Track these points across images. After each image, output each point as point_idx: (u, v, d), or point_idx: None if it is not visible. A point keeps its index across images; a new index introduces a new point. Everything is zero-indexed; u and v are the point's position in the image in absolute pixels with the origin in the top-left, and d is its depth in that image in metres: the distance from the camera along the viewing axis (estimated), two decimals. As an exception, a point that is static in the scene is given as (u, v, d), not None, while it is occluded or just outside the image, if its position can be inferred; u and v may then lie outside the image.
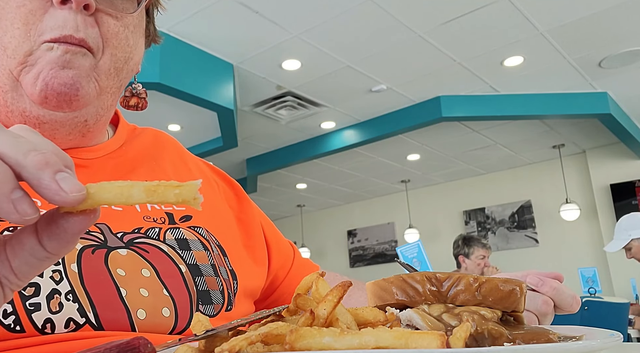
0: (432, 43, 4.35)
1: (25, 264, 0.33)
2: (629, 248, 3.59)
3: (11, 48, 0.62)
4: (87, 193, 0.32)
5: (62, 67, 0.62)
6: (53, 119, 0.65)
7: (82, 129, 0.68)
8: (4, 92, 0.63)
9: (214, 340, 0.41)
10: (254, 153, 6.89)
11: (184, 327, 0.63)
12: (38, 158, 0.31)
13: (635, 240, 3.49)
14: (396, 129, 5.76)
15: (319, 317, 0.39)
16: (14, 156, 0.31)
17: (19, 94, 0.63)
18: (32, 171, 0.31)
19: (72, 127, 0.67)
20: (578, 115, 5.58)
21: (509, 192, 7.94)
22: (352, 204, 9.66)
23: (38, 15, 0.62)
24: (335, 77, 4.88)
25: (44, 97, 0.62)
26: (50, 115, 0.64)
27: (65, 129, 0.67)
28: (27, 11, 0.62)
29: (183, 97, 4.33)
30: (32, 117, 0.64)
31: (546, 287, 0.64)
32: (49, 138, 0.65)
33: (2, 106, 0.64)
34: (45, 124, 0.65)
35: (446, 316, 0.46)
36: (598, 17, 4.04)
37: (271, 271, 0.88)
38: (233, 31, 4.10)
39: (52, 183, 0.31)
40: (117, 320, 0.58)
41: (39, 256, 0.33)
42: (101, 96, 0.68)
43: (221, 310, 0.69)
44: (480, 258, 4.22)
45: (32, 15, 0.62)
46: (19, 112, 0.64)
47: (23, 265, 0.33)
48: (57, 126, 0.66)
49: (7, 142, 0.31)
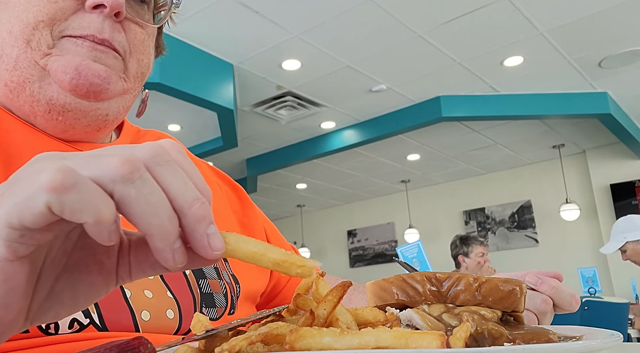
0: (432, 43, 4.35)
1: (142, 273, 0.36)
2: (624, 250, 3.63)
3: (35, 41, 0.63)
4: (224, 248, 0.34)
5: (94, 61, 0.65)
6: (78, 108, 0.66)
7: (101, 122, 0.70)
8: (30, 83, 0.65)
9: (214, 340, 0.41)
10: (254, 153, 6.89)
11: (188, 328, 0.63)
12: (200, 211, 0.33)
13: (630, 242, 3.53)
14: (396, 129, 5.76)
15: (319, 317, 0.39)
16: (182, 203, 0.32)
17: (47, 83, 0.64)
18: (191, 222, 0.32)
19: (93, 118, 0.68)
20: (578, 115, 5.58)
21: (509, 192, 7.94)
22: (352, 204, 9.66)
23: (66, 14, 0.64)
24: (335, 77, 4.88)
25: (74, 85, 0.64)
26: (76, 103, 0.65)
27: (86, 120, 0.68)
28: (57, 8, 0.64)
29: (183, 97, 4.33)
30: (58, 105, 0.65)
31: (545, 286, 0.64)
32: (69, 127, 0.67)
33: (28, 97, 0.65)
34: (69, 112, 0.66)
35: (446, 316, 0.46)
36: (598, 17, 4.04)
37: (273, 275, 0.89)
38: (233, 31, 4.10)
39: (204, 238, 0.33)
40: (121, 321, 0.58)
41: (158, 271, 0.36)
42: (125, 95, 0.70)
43: (224, 313, 0.69)
44: (479, 255, 4.24)
45: (60, 13, 0.64)
46: (45, 100, 0.65)
47: (140, 273, 0.36)
48: (80, 115, 0.67)
49: (178, 186, 0.32)
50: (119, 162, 0.30)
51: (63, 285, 0.34)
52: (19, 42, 0.64)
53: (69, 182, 0.28)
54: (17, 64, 0.64)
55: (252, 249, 0.35)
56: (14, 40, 0.64)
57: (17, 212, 0.28)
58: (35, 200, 0.28)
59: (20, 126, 0.66)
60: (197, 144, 5.82)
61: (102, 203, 0.29)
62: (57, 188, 0.28)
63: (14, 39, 0.64)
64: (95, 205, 0.29)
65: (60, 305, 0.35)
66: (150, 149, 0.32)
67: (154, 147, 0.33)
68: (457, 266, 4.36)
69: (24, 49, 0.64)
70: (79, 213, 0.28)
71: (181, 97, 4.33)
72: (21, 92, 0.65)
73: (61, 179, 0.28)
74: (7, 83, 0.66)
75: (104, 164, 0.30)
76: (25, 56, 0.64)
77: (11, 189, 0.30)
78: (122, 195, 0.30)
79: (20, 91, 0.65)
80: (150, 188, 0.31)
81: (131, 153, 0.31)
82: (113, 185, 0.30)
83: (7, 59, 0.65)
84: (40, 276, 0.33)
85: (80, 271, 0.35)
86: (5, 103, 0.68)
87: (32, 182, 0.29)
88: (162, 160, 0.32)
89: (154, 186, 0.31)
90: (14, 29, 0.64)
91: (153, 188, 0.31)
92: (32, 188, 0.28)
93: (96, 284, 0.35)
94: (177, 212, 0.32)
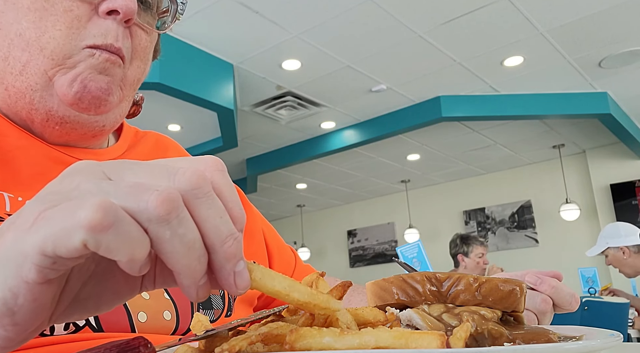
0: (432, 43, 4.35)
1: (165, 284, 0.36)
2: (606, 255, 3.73)
3: (50, 48, 0.63)
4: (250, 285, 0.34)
5: (99, 72, 0.64)
6: (76, 121, 0.66)
7: (97, 132, 0.70)
8: (33, 91, 0.64)
9: (214, 340, 0.41)
10: (254, 153, 6.89)
11: (185, 330, 0.63)
12: (231, 250, 0.32)
13: (611, 248, 3.66)
14: (396, 129, 5.76)
15: (319, 316, 0.39)
16: (214, 241, 0.32)
17: (49, 93, 0.64)
18: (221, 260, 0.32)
19: (89, 129, 0.68)
20: (578, 115, 5.58)
21: (509, 192, 7.94)
22: (352, 204, 9.66)
23: (83, 22, 0.64)
24: (335, 77, 4.88)
25: (78, 99, 0.64)
26: (75, 116, 0.66)
27: (83, 130, 0.68)
28: (73, 16, 0.63)
29: (183, 97, 4.33)
30: (57, 117, 0.65)
31: (545, 286, 0.64)
32: (65, 136, 0.67)
33: (27, 104, 0.65)
34: (67, 124, 0.66)
35: (446, 316, 0.46)
36: (598, 17, 4.04)
37: None
38: (233, 31, 4.10)
39: (230, 276, 0.33)
40: (117, 322, 0.58)
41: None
42: (121, 103, 0.70)
43: (221, 315, 0.69)
44: (479, 256, 4.26)
45: (77, 21, 0.63)
46: (44, 111, 0.65)
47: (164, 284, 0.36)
48: (77, 126, 0.67)
49: (214, 222, 0.32)
50: (159, 201, 0.29)
51: (89, 292, 0.34)
52: (32, 48, 0.63)
53: (108, 222, 0.28)
54: (24, 70, 0.63)
55: (277, 287, 0.35)
56: (26, 45, 0.63)
57: (53, 242, 0.28)
58: (72, 236, 0.28)
59: (14, 131, 0.66)
60: (197, 144, 5.82)
61: (137, 243, 0.29)
62: (96, 227, 0.28)
63: (25, 44, 0.63)
64: (130, 246, 0.29)
65: (82, 310, 0.35)
66: (191, 180, 0.32)
67: (195, 177, 0.32)
68: (455, 265, 4.37)
69: (37, 55, 0.63)
70: (114, 252, 0.29)
71: (181, 97, 4.33)
72: (20, 99, 0.65)
73: (100, 219, 0.28)
74: (8, 87, 0.65)
75: (144, 201, 0.30)
76: (36, 63, 0.63)
77: (48, 213, 0.29)
78: (157, 235, 0.30)
79: (20, 98, 0.64)
80: (185, 228, 0.31)
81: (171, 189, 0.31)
82: (148, 224, 0.30)
83: (13, 62, 0.64)
84: (67, 285, 0.33)
85: (107, 279, 0.35)
86: (2, 107, 0.67)
87: (71, 215, 0.28)
88: (201, 193, 0.32)
89: (189, 226, 0.31)
90: (27, 34, 0.63)
91: (188, 228, 0.31)
92: (71, 222, 0.28)
93: (121, 292, 0.35)
94: (207, 248, 0.32)
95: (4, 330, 0.30)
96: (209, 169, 0.34)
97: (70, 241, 0.28)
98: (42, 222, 0.29)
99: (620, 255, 3.58)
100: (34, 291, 0.30)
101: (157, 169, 0.32)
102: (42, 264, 0.29)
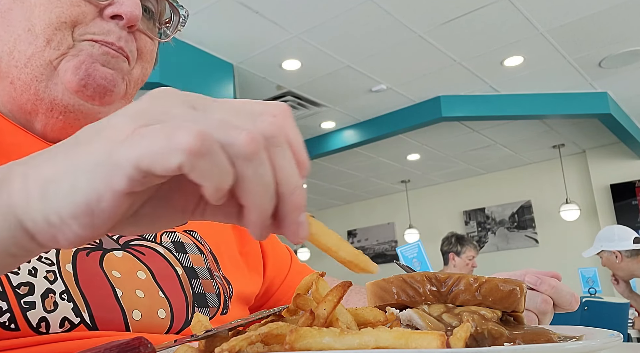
0: (432, 43, 4.35)
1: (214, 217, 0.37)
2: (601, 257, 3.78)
3: (56, 41, 0.65)
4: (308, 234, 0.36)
5: (103, 65, 0.67)
6: (79, 110, 0.67)
7: None
8: (38, 82, 0.65)
9: (214, 340, 0.41)
10: (254, 153, 6.89)
11: (179, 328, 0.63)
12: (298, 200, 0.34)
13: (605, 251, 3.71)
14: (396, 129, 5.76)
15: (319, 317, 0.39)
16: (284, 189, 0.34)
17: (54, 83, 0.66)
18: (288, 208, 0.34)
19: (92, 120, 0.68)
20: (578, 115, 5.58)
21: (509, 192, 7.94)
22: (352, 204, 9.66)
23: (87, 19, 0.66)
24: (335, 77, 4.88)
25: (83, 86, 0.65)
26: (79, 105, 0.67)
27: (85, 122, 0.68)
28: (79, 11, 0.66)
29: (183, 97, 4.33)
30: (61, 105, 0.66)
31: (545, 286, 0.64)
32: (68, 126, 0.68)
33: (32, 95, 0.66)
34: (70, 113, 0.67)
35: (446, 316, 0.46)
36: (598, 17, 4.04)
37: (266, 278, 0.88)
38: (233, 31, 4.10)
39: (294, 224, 0.35)
40: (112, 321, 0.58)
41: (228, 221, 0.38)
42: (123, 100, 0.72)
43: (216, 313, 0.69)
44: (469, 258, 4.28)
45: (82, 17, 0.66)
46: (49, 100, 0.66)
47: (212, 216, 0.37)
48: (81, 117, 0.68)
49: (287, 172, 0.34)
50: (247, 140, 0.31)
51: (147, 210, 0.36)
52: (39, 41, 0.65)
53: (206, 149, 0.30)
54: (29, 62, 0.65)
55: (329, 244, 0.37)
56: (33, 38, 0.65)
57: (150, 159, 0.30)
58: (170, 157, 0.30)
59: (9, 127, 0.67)
60: (197, 144, 5.82)
61: (225, 174, 0.31)
62: (194, 152, 0.29)
63: (33, 37, 0.65)
64: (220, 175, 0.31)
65: (136, 226, 0.37)
66: (271, 127, 0.33)
67: (275, 126, 0.34)
68: (445, 263, 4.36)
69: (42, 47, 0.65)
70: (205, 178, 0.31)
71: (181, 97, 4.33)
72: (26, 91, 0.66)
73: (200, 146, 0.30)
74: (14, 81, 0.66)
75: (234, 136, 0.31)
76: (41, 55, 0.65)
77: (143, 131, 0.31)
78: (240, 170, 0.32)
79: (25, 90, 0.66)
80: (264, 169, 0.32)
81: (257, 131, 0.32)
82: (235, 159, 0.32)
83: (18, 56, 0.66)
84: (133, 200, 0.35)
85: (167, 202, 0.37)
86: (5, 102, 0.68)
87: (170, 137, 0.30)
88: (278, 142, 0.34)
89: (267, 169, 0.33)
90: (35, 27, 0.65)
91: (266, 170, 0.33)
92: (170, 143, 0.30)
93: (174, 216, 0.37)
94: (278, 195, 0.34)
95: (79, 228, 0.32)
96: (282, 116, 0.35)
97: (167, 161, 0.30)
98: (138, 138, 0.31)
99: (613, 258, 3.64)
100: (116, 199, 0.31)
101: (241, 111, 0.34)
102: (133, 177, 0.31)
